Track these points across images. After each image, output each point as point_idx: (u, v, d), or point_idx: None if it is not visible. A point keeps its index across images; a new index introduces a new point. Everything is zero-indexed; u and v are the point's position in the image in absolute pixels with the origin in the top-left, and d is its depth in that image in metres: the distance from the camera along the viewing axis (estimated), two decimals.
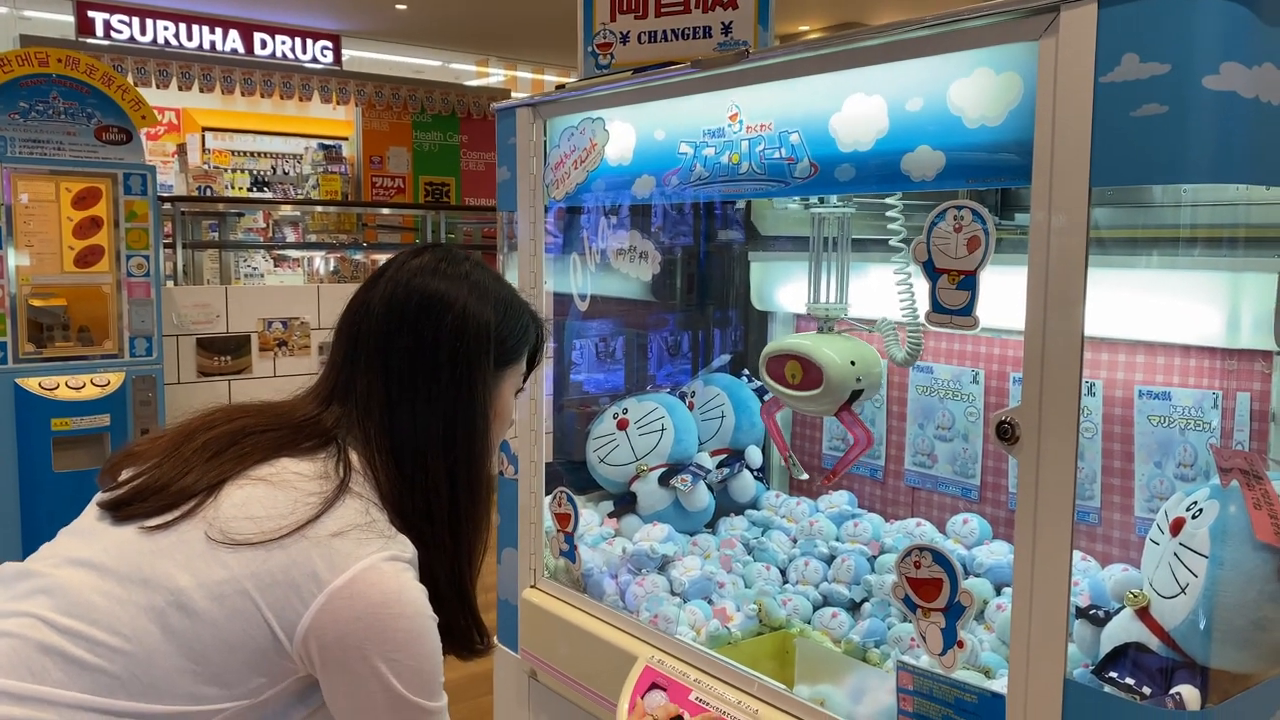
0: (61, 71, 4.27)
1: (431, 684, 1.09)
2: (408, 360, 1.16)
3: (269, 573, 1.03)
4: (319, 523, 1.06)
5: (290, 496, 1.08)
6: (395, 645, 1.05)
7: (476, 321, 1.19)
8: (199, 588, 1.02)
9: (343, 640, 1.03)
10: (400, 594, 1.06)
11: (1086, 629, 1.44)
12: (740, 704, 1.60)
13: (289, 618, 1.03)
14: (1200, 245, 1.47)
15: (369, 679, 1.05)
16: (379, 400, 1.16)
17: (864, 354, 1.57)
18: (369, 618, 1.04)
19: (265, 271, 7.54)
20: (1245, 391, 1.65)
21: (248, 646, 1.03)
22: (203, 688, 1.02)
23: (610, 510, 2.34)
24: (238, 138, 10.13)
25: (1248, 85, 1.09)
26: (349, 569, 1.04)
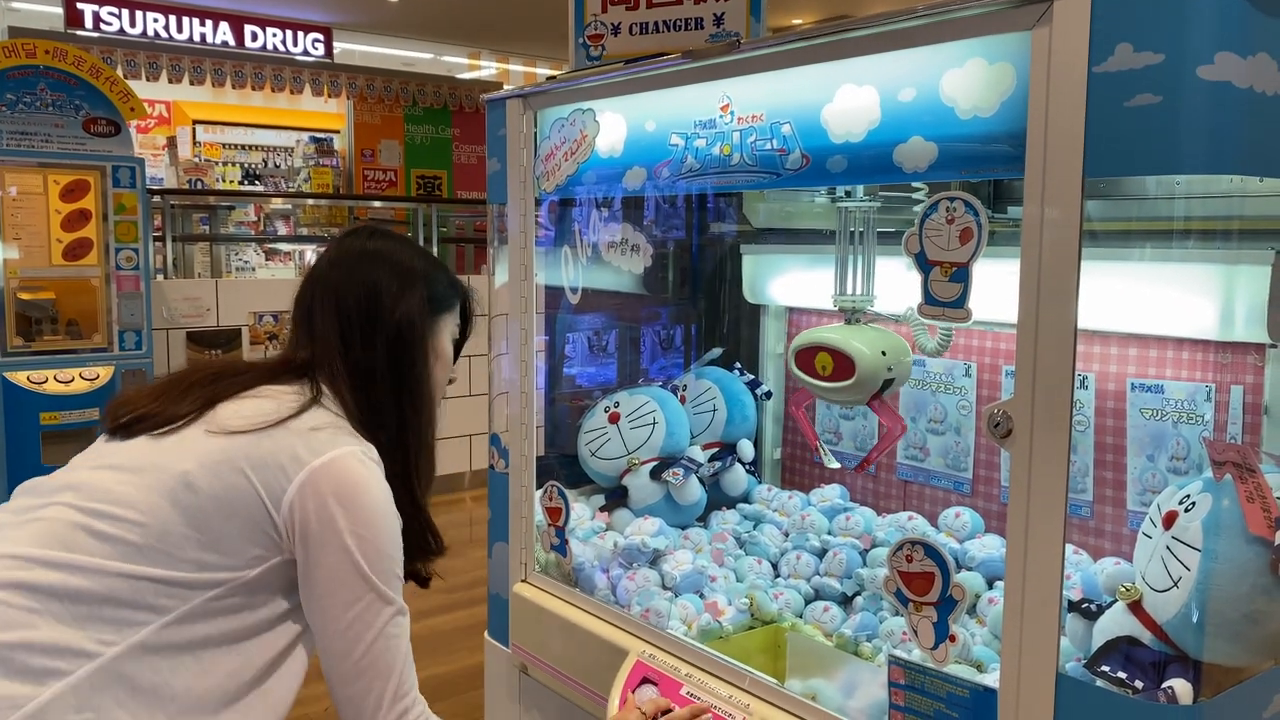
0: (49, 63, 4.25)
1: (391, 571, 1.25)
2: (355, 306, 1.37)
3: (259, 455, 1.22)
4: (300, 418, 1.26)
5: (274, 402, 1.29)
6: (362, 522, 1.22)
7: (408, 267, 1.40)
8: (202, 469, 1.21)
9: (319, 511, 1.21)
10: (368, 480, 1.25)
11: (1079, 623, 1.44)
12: (731, 698, 1.59)
13: (275, 491, 1.21)
14: (1194, 237, 1.46)
15: (337, 551, 1.21)
16: (335, 344, 1.36)
17: (894, 344, 1.60)
18: (341, 494, 1.22)
19: (256, 265, 7.52)
20: (1238, 384, 1.65)
21: (242, 515, 1.20)
22: (205, 554, 1.19)
23: (601, 504, 2.33)
24: (228, 131, 10.09)
25: (1242, 75, 1.08)
26: (327, 453, 1.23)
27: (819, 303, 2.41)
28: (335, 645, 1.23)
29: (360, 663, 1.23)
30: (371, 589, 1.23)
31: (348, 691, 1.24)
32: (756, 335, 2.58)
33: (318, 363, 1.35)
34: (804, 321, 2.49)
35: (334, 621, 1.23)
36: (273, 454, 1.22)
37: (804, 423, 2.01)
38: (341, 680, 1.24)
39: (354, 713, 1.24)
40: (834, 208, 1.85)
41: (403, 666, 1.26)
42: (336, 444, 1.25)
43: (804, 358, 1.66)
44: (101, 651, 1.12)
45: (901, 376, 1.62)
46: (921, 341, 1.59)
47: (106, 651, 1.13)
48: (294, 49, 9.40)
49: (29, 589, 1.13)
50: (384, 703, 1.24)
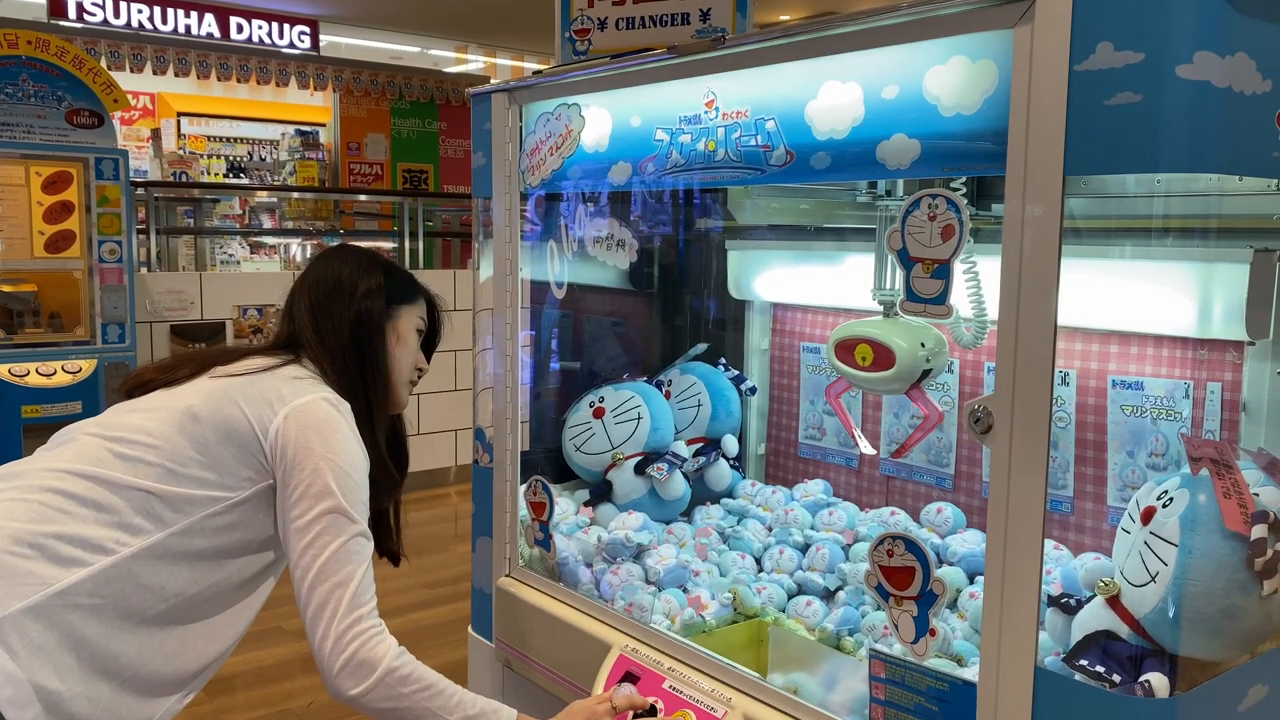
0: (31, 54, 4.21)
1: (356, 496, 1.47)
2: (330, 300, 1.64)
3: (251, 393, 1.49)
4: (284, 369, 1.55)
5: (264, 360, 1.57)
6: (333, 450, 1.46)
7: (366, 268, 1.68)
8: (204, 403, 1.47)
9: (298, 438, 1.45)
10: (339, 419, 1.50)
11: (1058, 617, 1.45)
12: (714, 692, 1.60)
13: (264, 422, 1.46)
14: (1173, 235, 1.47)
15: (310, 472, 1.44)
16: (309, 326, 1.63)
17: (932, 337, 1.63)
18: (316, 425, 1.47)
19: (241, 258, 7.48)
20: (1216, 381, 1.67)
21: (237, 441, 1.45)
22: (205, 474, 1.43)
23: (586, 499, 2.33)
24: (213, 123, 10.02)
25: (1221, 75, 1.09)
26: (306, 396, 1.50)
27: (804, 298, 2.42)
28: (303, 555, 1.42)
29: (324, 569, 1.41)
30: (337, 506, 1.43)
31: (311, 596, 1.41)
32: (741, 331, 2.59)
33: (298, 341, 1.63)
34: (789, 317, 2.50)
35: (304, 531, 1.43)
36: (262, 393, 1.49)
37: (839, 410, 2.04)
38: (307, 586, 1.42)
39: (314, 617, 1.41)
40: (848, 205, 1.86)
41: (361, 578, 1.43)
42: (315, 390, 1.52)
43: (844, 349, 1.70)
44: (117, 550, 1.36)
45: (938, 367, 1.67)
46: (957, 334, 1.61)
47: (121, 550, 1.36)
48: (280, 41, 9.35)
49: (65, 494, 1.37)
50: (340, 608, 1.40)
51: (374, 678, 1.39)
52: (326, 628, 1.40)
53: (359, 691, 1.39)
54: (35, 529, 1.33)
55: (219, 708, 3.18)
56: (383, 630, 1.43)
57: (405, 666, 1.42)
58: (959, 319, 1.64)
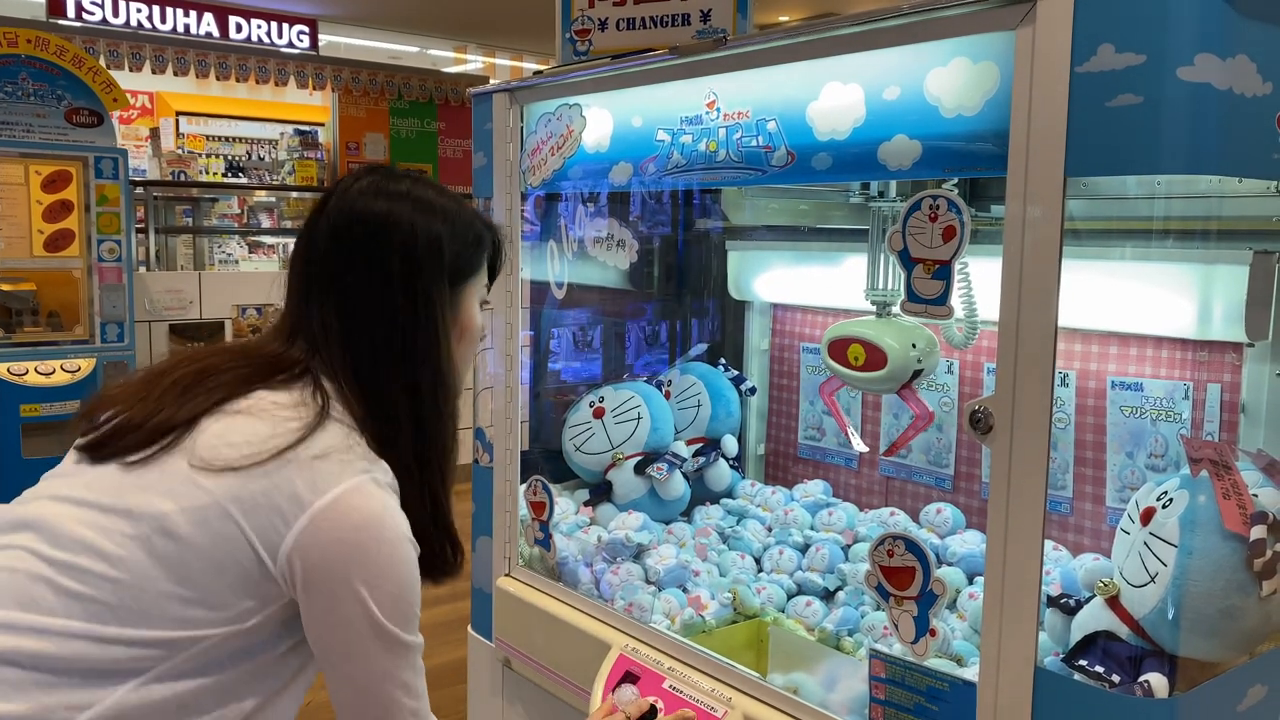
0: (31, 52, 4.21)
1: (409, 615, 1.10)
2: (360, 290, 1.16)
3: (251, 495, 1.04)
4: (301, 446, 1.07)
5: (269, 424, 1.08)
6: (376, 569, 1.06)
7: (425, 238, 1.17)
8: (182, 512, 1.04)
9: (325, 560, 1.04)
10: (382, 516, 1.08)
11: (1057, 618, 1.45)
12: (714, 692, 1.60)
13: (272, 539, 1.04)
14: (1173, 237, 1.48)
15: (349, 603, 1.05)
16: (336, 333, 1.15)
17: (924, 337, 1.65)
18: (351, 538, 1.05)
19: (240, 258, 7.47)
20: (1216, 383, 1.67)
21: (233, 569, 1.04)
22: (190, 611, 1.03)
23: (586, 499, 2.33)
24: (212, 122, 10.00)
25: (1221, 77, 1.10)
26: (331, 490, 1.05)
27: (803, 299, 2.42)
28: (348, 695, 1.10)
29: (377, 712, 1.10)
30: (388, 639, 1.08)
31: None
32: (741, 331, 2.59)
33: (318, 358, 1.15)
34: (789, 318, 2.50)
35: (347, 674, 1.09)
36: (267, 495, 1.04)
37: (834, 408, 2.05)
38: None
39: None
40: (847, 206, 1.86)
41: (419, 705, 1.13)
42: (343, 476, 1.07)
43: (837, 348, 1.71)
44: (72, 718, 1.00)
45: (930, 368, 1.68)
46: (949, 335, 1.62)
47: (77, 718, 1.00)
48: (279, 41, 9.35)
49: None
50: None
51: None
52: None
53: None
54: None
55: None
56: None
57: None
58: (950, 319, 1.65)
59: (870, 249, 1.82)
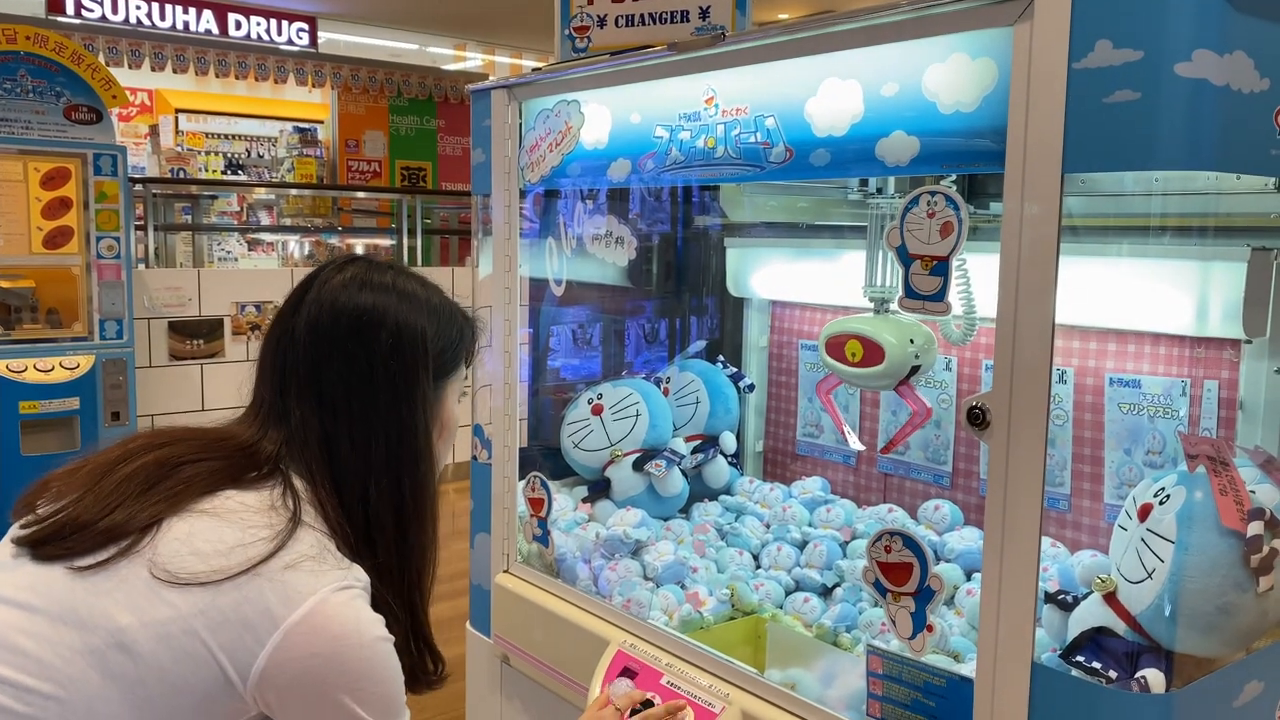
0: (30, 49, 4.21)
1: (396, 704, 1.07)
2: (342, 388, 1.10)
3: (219, 610, 0.97)
4: (280, 554, 1.01)
5: (237, 530, 1.01)
6: (357, 676, 1.01)
7: (411, 334, 1.13)
8: (143, 627, 0.95)
9: (303, 677, 0.99)
10: (358, 625, 1.03)
11: (1055, 614, 1.45)
12: (712, 688, 1.60)
13: (243, 658, 0.97)
14: (1170, 234, 1.48)
15: (333, 711, 1.01)
16: (315, 432, 1.09)
17: (922, 333, 1.65)
18: (328, 653, 1.00)
19: (239, 255, 7.47)
20: (1213, 380, 1.67)
21: (196, 690, 0.96)
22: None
23: (584, 495, 2.33)
24: (211, 120, 10.00)
25: (1219, 73, 1.10)
26: (305, 603, 0.99)
27: (802, 296, 2.43)
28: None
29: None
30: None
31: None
32: (740, 328, 2.59)
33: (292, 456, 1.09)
34: (787, 315, 2.50)
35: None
36: (237, 608, 0.97)
37: (829, 405, 2.06)
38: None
39: None
40: (846, 203, 1.86)
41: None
42: (315, 586, 1.00)
43: (834, 344, 1.71)
44: None
45: (928, 364, 1.68)
46: (947, 331, 1.62)
47: None
48: (278, 38, 9.34)
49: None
50: None
51: None
52: None
53: None
54: None
55: None
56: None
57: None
58: (949, 316, 1.65)
59: (868, 246, 1.82)
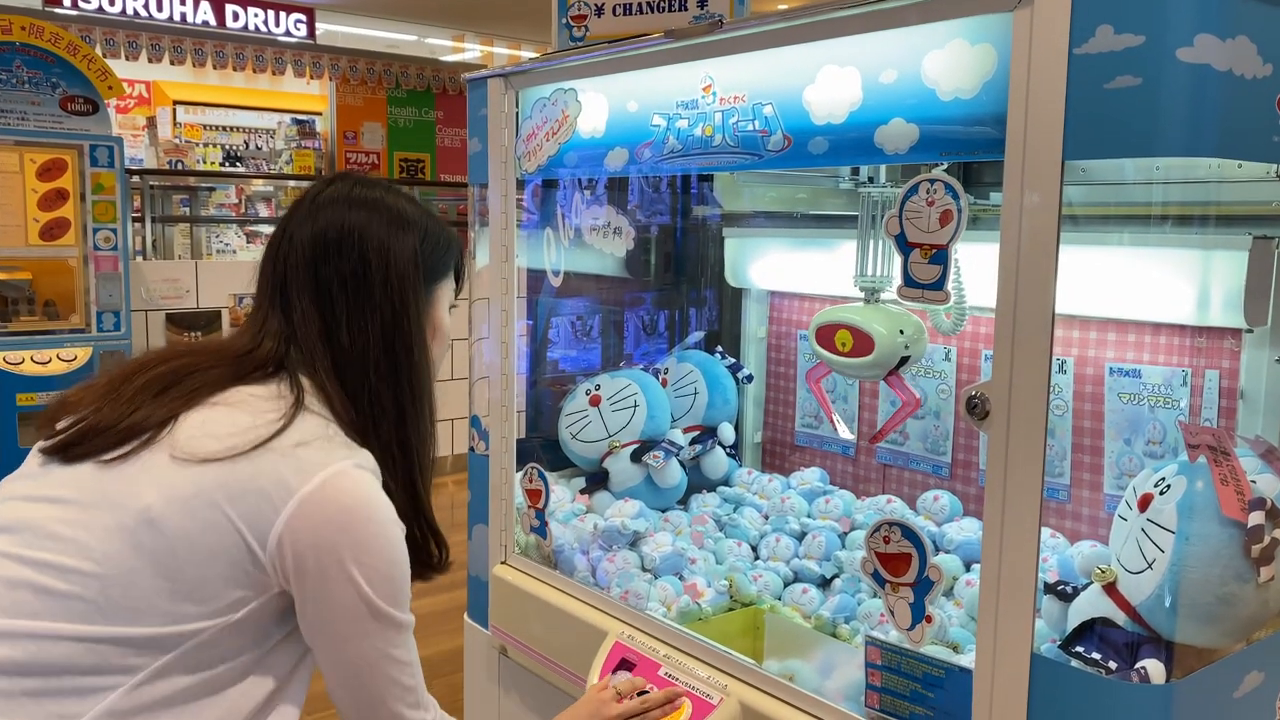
0: (25, 40, 4.19)
1: (400, 593, 1.12)
2: (338, 281, 1.18)
3: (238, 482, 1.04)
4: (283, 435, 1.08)
5: (249, 415, 1.09)
6: (366, 548, 1.07)
7: (400, 247, 1.21)
8: (168, 504, 1.03)
9: (316, 544, 1.05)
10: (369, 499, 1.09)
11: (1054, 604, 1.45)
12: (710, 679, 1.60)
13: (261, 525, 1.04)
14: (1171, 222, 1.47)
15: (341, 584, 1.06)
16: (315, 324, 1.17)
17: (912, 323, 1.65)
18: (339, 520, 1.06)
19: (237, 247, 7.47)
20: (1214, 369, 1.66)
21: (222, 559, 1.03)
22: (180, 605, 1.02)
23: (582, 487, 2.32)
24: (209, 112, 9.98)
25: (1221, 58, 1.08)
26: (318, 475, 1.06)
27: (800, 286, 2.42)
28: (345, 677, 1.12)
29: (374, 693, 1.12)
30: (382, 619, 1.10)
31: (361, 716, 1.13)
32: (738, 319, 2.58)
33: (296, 353, 1.16)
34: (786, 305, 2.49)
35: (343, 657, 1.10)
36: (253, 480, 1.04)
37: (820, 395, 2.05)
38: (354, 708, 1.13)
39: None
40: (844, 192, 1.85)
41: (417, 683, 1.15)
42: (328, 461, 1.08)
43: (824, 334, 1.70)
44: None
45: (918, 354, 1.68)
46: (937, 321, 1.61)
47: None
48: (276, 29, 9.31)
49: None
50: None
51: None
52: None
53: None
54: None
55: None
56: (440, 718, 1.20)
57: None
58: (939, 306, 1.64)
59: (860, 235, 1.80)
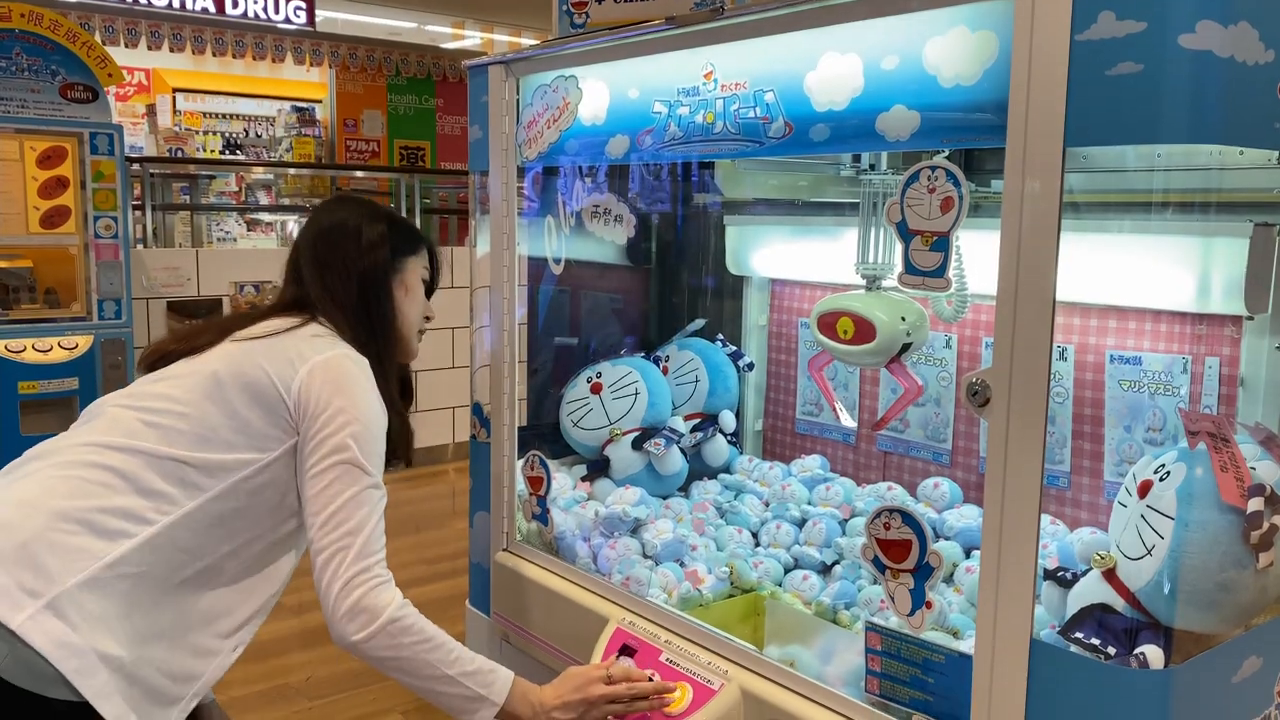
0: (24, 27, 4.17)
1: (373, 450, 1.49)
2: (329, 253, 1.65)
3: (273, 352, 1.52)
4: (302, 329, 1.57)
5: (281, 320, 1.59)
6: (352, 404, 1.48)
7: (370, 230, 1.66)
8: (228, 368, 1.50)
9: (319, 393, 1.48)
10: (359, 374, 1.53)
11: (1054, 590, 1.45)
12: (711, 665, 1.61)
13: (287, 378, 1.49)
14: (1172, 209, 1.47)
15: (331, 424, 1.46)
16: (317, 280, 1.64)
17: (913, 310, 1.65)
18: (337, 382, 1.49)
19: (238, 235, 7.45)
20: (1215, 356, 1.66)
21: (262, 401, 1.48)
22: (235, 437, 1.47)
23: (583, 474, 2.33)
24: (209, 99, 9.95)
25: (1223, 44, 1.08)
26: (326, 353, 1.52)
27: (802, 274, 2.42)
28: (315, 501, 1.45)
29: (335, 516, 1.44)
30: (353, 459, 1.46)
31: (322, 541, 1.43)
32: (739, 307, 2.58)
33: (309, 299, 1.63)
34: (787, 293, 2.49)
35: (318, 479, 1.45)
36: (283, 352, 1.51)
37: (821, 383, 2.05)
38: (318, 531, 1.44)
39: (325, 561, 1.43)
40: (845, 180, 1.84)
41: (373, 528, 1.46)
42: (333, 348, 1.54)
43: (826, 322, 1.71)
44: (157, 519, 1.40)
45: (919, 341, 1.68)
46: (938, 308, 1.61)
47: (160, 520, 1.40)
48: (275, 16, 9.25)
49: (103, 467, 1.41)
50: (350, 554, 1.42)
51: (376, 624, 1.40)
52: (335, 572, 1.42)
53: (361, 637, 1.41)
54: (79, 504, 1.37)
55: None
56: (389, 581, 1.45)
57: (408, 618, 1.44)
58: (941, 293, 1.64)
59: (861, 222, 1.81)
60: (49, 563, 1.32)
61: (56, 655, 1.28)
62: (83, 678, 1.29)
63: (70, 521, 1.35)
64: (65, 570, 1.32)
